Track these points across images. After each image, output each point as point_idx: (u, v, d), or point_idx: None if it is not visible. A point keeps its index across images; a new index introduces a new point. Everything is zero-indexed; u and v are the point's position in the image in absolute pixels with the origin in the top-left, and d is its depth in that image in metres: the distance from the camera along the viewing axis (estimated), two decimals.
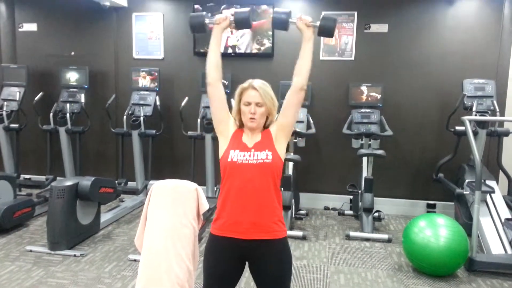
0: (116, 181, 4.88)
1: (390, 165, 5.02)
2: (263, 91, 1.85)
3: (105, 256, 3.70)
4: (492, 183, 4.32)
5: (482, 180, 3.92)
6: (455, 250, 3.30)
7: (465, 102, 4.49)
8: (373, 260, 3.78)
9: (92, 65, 5.46)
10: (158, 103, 5.12)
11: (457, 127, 4.47)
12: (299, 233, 4.23)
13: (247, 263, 1.88)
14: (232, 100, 1.99)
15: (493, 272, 3.50)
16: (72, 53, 5.64)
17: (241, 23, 2.01)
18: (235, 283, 1.90)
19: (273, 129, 1.92)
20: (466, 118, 3.74)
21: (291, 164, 4.59)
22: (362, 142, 4.69)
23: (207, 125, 4.86)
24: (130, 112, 5.14)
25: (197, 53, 5.28)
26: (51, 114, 5.20)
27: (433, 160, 4.92)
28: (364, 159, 4.69)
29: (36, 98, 5.21)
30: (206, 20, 2.00)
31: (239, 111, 1.90)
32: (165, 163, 5.55)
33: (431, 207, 5.07)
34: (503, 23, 4.77)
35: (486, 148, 4.67)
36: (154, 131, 5.09)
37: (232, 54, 5.21)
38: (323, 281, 3.34)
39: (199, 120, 4.93)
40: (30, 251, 3.72)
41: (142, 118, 5.07)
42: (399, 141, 5.04)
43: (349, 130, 4.72)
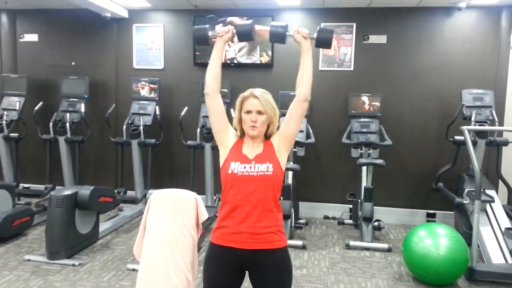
0: (115, 190, 4.88)
1: (390, 175, 5.02)
2: (264, 100, 1.86)
3: (104, 265, 3.68)
4: (491, 192, 4.32)
5: (482, 190, 3.92)
6: (455, 260, 3.30)
7: (464, 112, 4.51)
8: (373, 269, 3.76)
9: (92, 75, 5.50)
10: (158, 112, 5.15)
11: (456, 137, 4.49)
12: (299, 242, 4.21)
13: (247, 272, 1.88)
14: (232, 110, 2.00)
15: (494, 282, 3.49)
16: (73, 63, 5.67)
17: (244, 35, 2.02)
18: None
19: (275, 140, 1.92)
20: (465, 128, 3.75)
21: (290, 173, 4.59)
22: (362, 151, 4.70)
23: (207, 134, 4.88)
24: (130, 122, 5.16)
25: (197, 63, 5.31)
26: (51, 123, 5.21)
27: (433, 169, 4.93)
28: (364, 168, 4.69)
29: (36, 107, 5.23)
30: (209, 33, 2.01)
31: (240, 120, 1.91)
32: (164, 172, 5.56)
33: (431, 217, 5.07)
34: (500, 34, 4.83)
35: (486, 158, 4.69)
36: (153, 141, 5.11)
37: (231, 64, 5.24)
38: None
39: (198, 129, 4.95)
40: (29, 260, 3.70)
41: (142, 127, 5.09)
42: (398, 151, 5.04)
43: (348, 139, 4.74)
